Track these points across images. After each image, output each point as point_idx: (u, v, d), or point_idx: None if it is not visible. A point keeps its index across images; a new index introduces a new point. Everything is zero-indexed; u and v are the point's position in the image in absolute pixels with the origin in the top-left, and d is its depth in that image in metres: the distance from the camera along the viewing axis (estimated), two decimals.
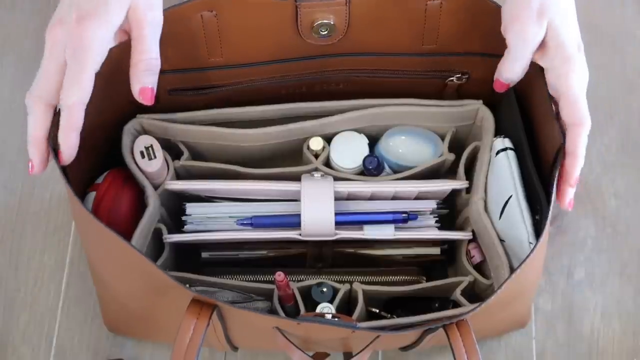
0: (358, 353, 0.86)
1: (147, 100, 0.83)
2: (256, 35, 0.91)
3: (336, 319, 0.83)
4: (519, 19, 0.83)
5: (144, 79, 0.82)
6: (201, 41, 0.90)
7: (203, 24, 0.88)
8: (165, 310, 0.88)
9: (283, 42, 0.92)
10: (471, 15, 0.90)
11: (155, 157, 0.93)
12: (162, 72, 0.88)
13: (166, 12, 0.85)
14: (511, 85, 0.90)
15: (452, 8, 0.89)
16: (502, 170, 0.93)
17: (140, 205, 0.94)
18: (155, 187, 0.94)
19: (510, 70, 0.88)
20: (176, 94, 0.96)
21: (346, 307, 0.98)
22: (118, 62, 0.86)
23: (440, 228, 0.97)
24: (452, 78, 0.98)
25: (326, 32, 0.90)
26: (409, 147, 0.99)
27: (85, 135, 0.83)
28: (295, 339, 0.85)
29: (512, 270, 0.91)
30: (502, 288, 0.80)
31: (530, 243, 0.88)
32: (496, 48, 0.93)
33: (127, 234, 0.90)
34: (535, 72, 0.87)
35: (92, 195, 0.92)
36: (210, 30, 0.89)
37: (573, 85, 0.84)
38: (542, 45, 0.85)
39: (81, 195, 0.92)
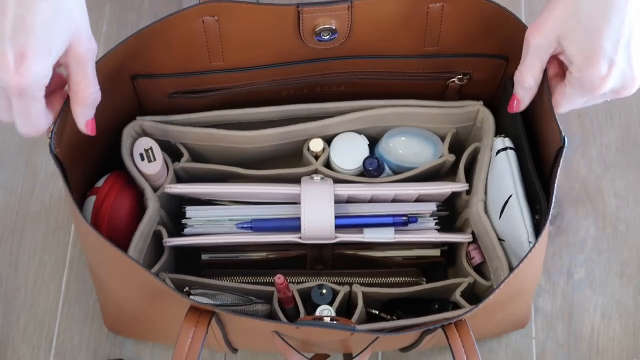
0: (357, 355, 0.86)
1: (92, 131, 0.82)
2: (258, 39, 0.91)
3: (335, 322, 0.83)
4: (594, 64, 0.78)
5: (90, 112, 0.81)
6: (202, 45, 0.90)
7: (204, 28, 0.88)
8: (163, 314, 0.88)
9: (284, 46, 0.92)
10: (472, 17, 0.90)
11: (154, 159, 0.93)
12: (162, 75, 0.88)
13: (168, 18, 0.85)
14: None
15: (454, 11, 0.89)
16: (502, 169, 0.93)
17: (140, 208, 0.94)
18: (155, 190, 0.94)
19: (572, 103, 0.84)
20: (177, 97, 0.96)
21: (346, 309, 0.98)
22: (119, 65, 0.87)
23: (440, 230, 0.96)
24: (453, 79, 0.98)
25: (328, 36, 0.90)
26: (409, 148, 0.99)
27: (85, 137, 0.83)
28: (294, 342, 0.85)
29: (511, 270, 0.91)
30: (500, 287, 0.80)
31: (529, 242, 0.88)
32: (497, 49, 0.94)
33: (127, 237, 0.91)
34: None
35: (92, 199, 0.92)
36: (211, 35, 0.89)
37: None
38: None
39: (81, 199, 0.92)
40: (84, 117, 0.80)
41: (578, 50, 0.78)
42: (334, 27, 0.89)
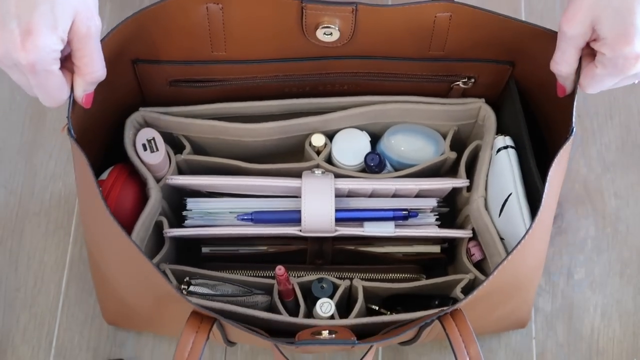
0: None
1: (87, 104, 0.82)
2: (261, 31, 0.91)
3: (333, 336, 0.82)
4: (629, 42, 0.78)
5: (90, 87, 0.82)
6: (205, 34, 0.90)
7: (208, 16, 0.88)
8: (164, 309, 0.88)
9: (287, 40, 0.92)
10: (480, 26, 0.90)
11: (157, 149, 0.93)
12: (164, 62, 0.87)
13: (171, 0, 0.85)
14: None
15: (461, 20, 0.89)
16: (502, 168, 0.93)
17: (144, 199, 0.94)
18: (157, 180, 0.95)
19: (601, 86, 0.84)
20: (177, 86, 0.96)
21: (346, 304, 0.98)
22: (120, 48, 0.87)
23: (440, 226, 0.97)
24: (458, 82, 0.98)
25: (330, 35, 0.90)
26: (410, 145, 0.99)
27: (88, 125, 0.83)
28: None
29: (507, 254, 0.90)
30: (494, 274, 0.80)
31: None
32: (504, 54, 0.94)
33: (132, 229, 0.91)
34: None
35: None
36: (215, 23, 0.89)
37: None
38: None
39: None
40: (83, 90, 0.81)
41: (610, 30, 0.77)
42: (337, 28, 0.89)
